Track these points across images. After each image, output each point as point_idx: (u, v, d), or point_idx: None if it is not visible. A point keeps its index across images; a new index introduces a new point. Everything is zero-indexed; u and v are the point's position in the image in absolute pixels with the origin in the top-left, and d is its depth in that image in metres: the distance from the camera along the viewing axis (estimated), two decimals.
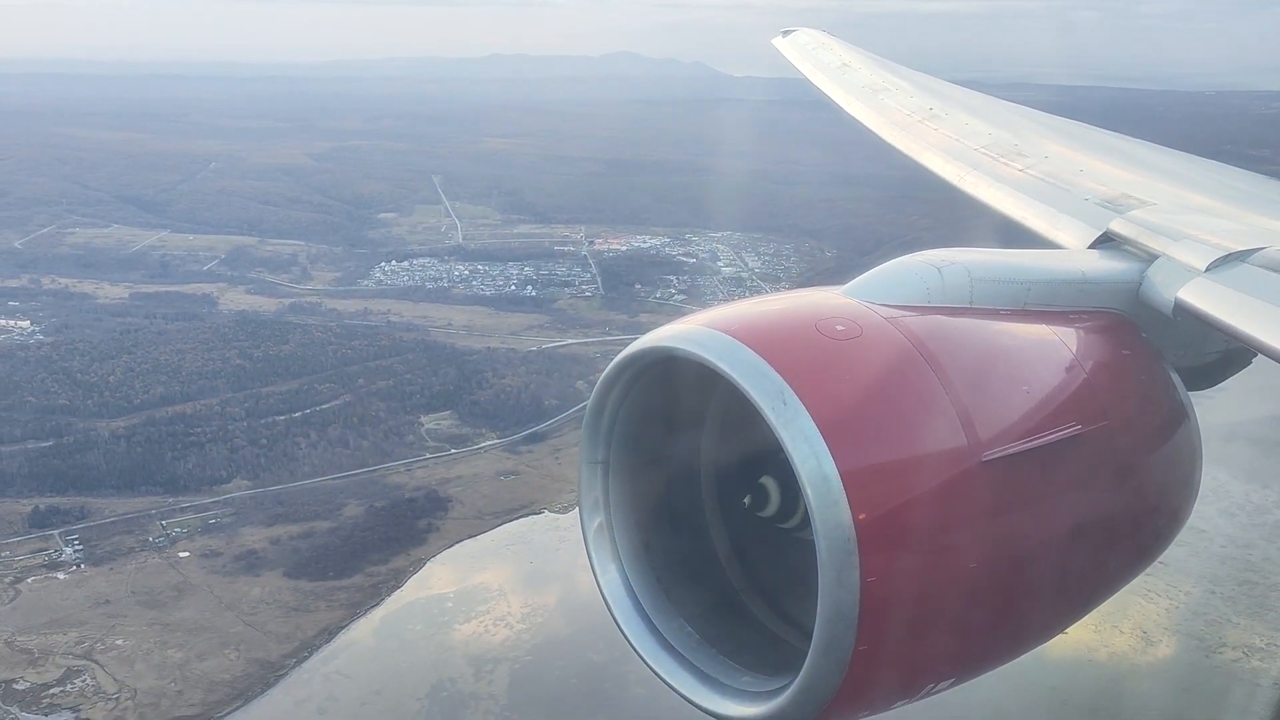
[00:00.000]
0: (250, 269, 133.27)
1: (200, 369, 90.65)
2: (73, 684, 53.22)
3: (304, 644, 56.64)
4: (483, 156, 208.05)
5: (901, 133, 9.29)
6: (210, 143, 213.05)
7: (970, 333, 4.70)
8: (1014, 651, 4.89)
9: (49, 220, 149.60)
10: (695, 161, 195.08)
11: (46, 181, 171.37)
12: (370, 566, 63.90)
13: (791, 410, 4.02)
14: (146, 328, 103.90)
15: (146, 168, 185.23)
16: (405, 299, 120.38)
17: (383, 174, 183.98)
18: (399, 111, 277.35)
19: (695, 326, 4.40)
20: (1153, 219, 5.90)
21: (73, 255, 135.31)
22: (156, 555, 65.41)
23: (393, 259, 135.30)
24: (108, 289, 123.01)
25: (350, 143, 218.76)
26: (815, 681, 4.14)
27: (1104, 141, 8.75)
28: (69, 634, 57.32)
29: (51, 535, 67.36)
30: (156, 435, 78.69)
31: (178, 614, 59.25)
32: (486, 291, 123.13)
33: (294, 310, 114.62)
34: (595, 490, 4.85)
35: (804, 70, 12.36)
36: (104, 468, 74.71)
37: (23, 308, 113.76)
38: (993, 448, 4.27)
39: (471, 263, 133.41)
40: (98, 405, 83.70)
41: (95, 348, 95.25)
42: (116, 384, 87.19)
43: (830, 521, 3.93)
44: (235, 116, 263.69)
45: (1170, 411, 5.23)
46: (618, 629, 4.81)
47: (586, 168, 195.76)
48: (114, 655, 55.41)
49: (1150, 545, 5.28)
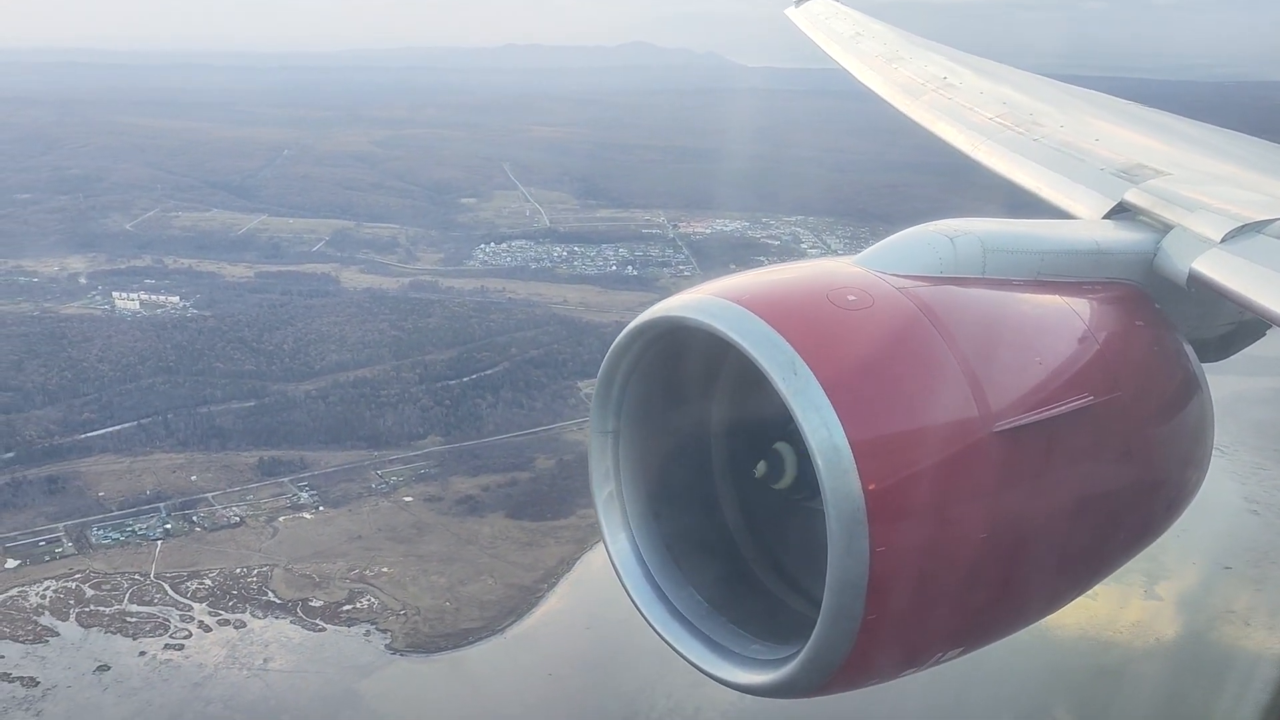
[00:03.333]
0: (356, 250, 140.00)
1: (361, 339, 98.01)
2: (359, 603, 60.70)
3: (549, 572, 64.17)
4: (538, 144, 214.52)
5: (914, 101, 9.20)
6: (272, 130, 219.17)
7: (982, 303, 4.68)
8: (1022, 622, 4.89)
9: (150, 204, 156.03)
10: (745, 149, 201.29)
11: (132, 168, 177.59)
12: (581, 509, 71.20)
13: (802, 380, 4.03)
14: (292, 303, 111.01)
15: (223, 154, 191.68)
16: (513, 278, 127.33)
17: (452, 161, 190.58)
18: (439, 101, 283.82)
19: (706, 296, 4.41)
20: (1169, 189, 5.85)
21: (184, 237, 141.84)
22: (384, 499, 72.84)
23: (490, 241, 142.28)
24: (229, 268, 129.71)
25: (405, 131, 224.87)
26: (823, 650, 4.17)
27: (1122, 110, 8.60)
28: (337, 563, 64.76)
29: (283, 482, 74.72)
30: (348, 396, 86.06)
31: (425, 548, 66.71)
32: (589, 271, 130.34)
33: (415, 288, 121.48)
34: (605, 459, 4.87)
35: (817, 40, 12.23)
36: (310, 425, 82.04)
37: (158, 285, 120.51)
38: (1004, 419, 4.27)
39: (566, 245, 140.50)
40: (282, 370, 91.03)
41: (256, 320, 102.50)
42: (292, 351, 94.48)
43: (840, 491, 3.95)
44: (280, 105, 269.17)
45: (1182, 383, 5.19)
46: (627, 597, 4.85)
47: (643, 155, 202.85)
48: (385, 580, 62.89)
49: (1161, 517, 5.27)
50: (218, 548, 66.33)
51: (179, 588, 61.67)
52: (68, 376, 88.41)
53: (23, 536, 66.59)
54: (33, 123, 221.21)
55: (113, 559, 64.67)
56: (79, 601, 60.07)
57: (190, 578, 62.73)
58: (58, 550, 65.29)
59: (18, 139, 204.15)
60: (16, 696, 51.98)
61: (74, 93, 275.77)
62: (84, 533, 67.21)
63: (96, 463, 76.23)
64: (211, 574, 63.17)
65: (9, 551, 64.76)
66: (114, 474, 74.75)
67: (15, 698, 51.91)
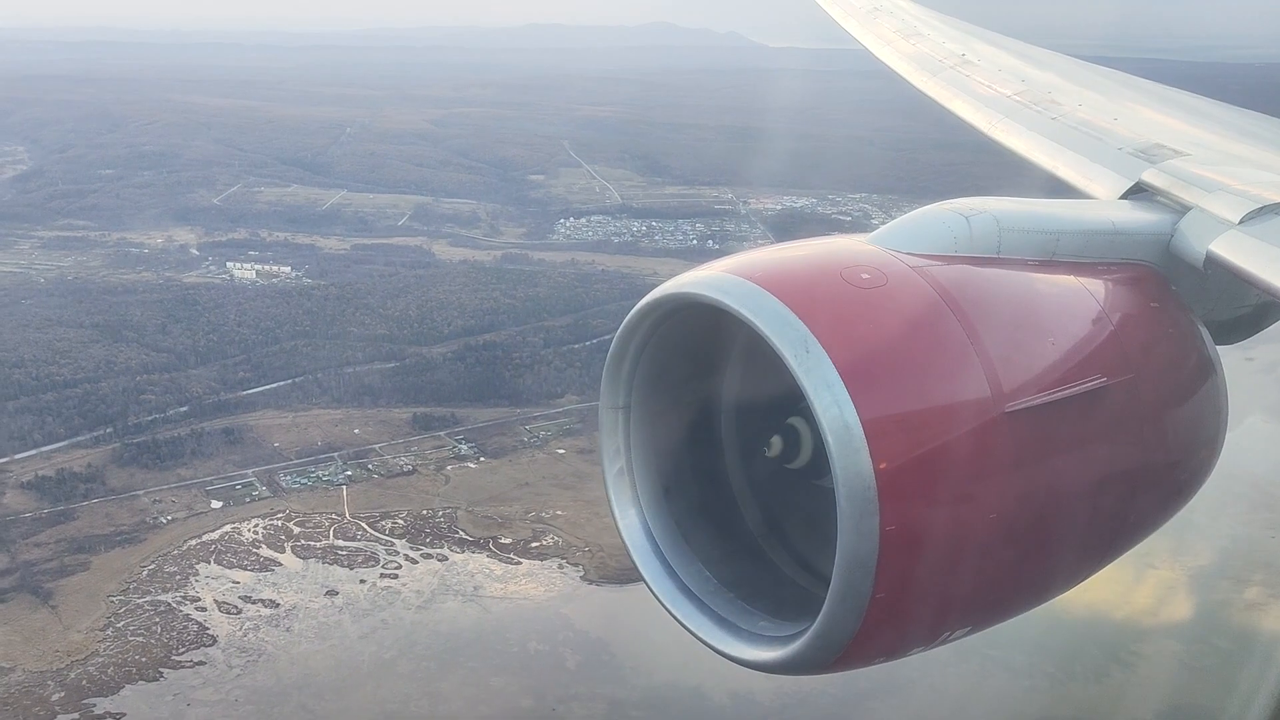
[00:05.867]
0: (440, 224, 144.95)
1: (479, 306, 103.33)
2: (544, 540, 66.09)
3: None
4: (590, 123, 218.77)
5: (932, 78, 9.15)
6: (327, 109, 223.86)
7: (997, 283, 4.67)
8: (1031, 602, 4.91)
9: (231, 180, 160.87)
10: (794, 128, 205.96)
11: (203, 145, 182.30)
12: None
13: (814, 358, 4.03)
14: (400, 273, 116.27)
15: (287, 132, 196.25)
16: (599, 251, 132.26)
17: (512, 139, 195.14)
18: (481, 80, 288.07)
19: (719, 273, 4.40)
20: (1187, 169, 5.80)
21: (272, 212, 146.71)
22: (538, 451, 78.19)
23: (568, 216, 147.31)
24: (322, 241, 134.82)
25: (456, 110, 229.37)
26: (832, 627, 4.19)
27: (1141, 88, 8.56)
28: (513, 506, 70.18)
29: (439, 435, 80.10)
30: (483, 358, 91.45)
31: (591, 494, 71.88)
32: (671, 245, 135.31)
33: (509, 260, 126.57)
34: (616, 435, 4.92)
35: (833, 14, 12.09)
36: (453, 383, 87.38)
37: (262, 256, 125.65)
38: (1016, 399, 4.27)
39: (644, 220, 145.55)
40: (413, 334, 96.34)
41: (375, 288, 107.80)
42: (418, 318, 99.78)
43: (851, 469, 3.96)
44: (325, 84, 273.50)
45: (1197, 366, 5.18)
46: (637, 572, 4.92)
47: (696, 134, 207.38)
48: (561, 521, 68.26)
49: (1172, 499, 5.25)
50: (398, 492, 71.78)
51: (375, 526, 67.14)
52: (213, 339, 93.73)
53: (218, 481, 72.03)
54: (92, 101, 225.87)
55: (306, 501, 70.13)
56: (289, 537, 65.56)
57: (382, 518, 68.18)
58: (254, 493, 70.72)
59: (83, 117, 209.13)
60: (264, 615, 57.55)
61: (124, 71, 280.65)
62: (273, 478, 72.66)
63: (262, 417, 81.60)
64: (401, 515, 68.63)
65: (211, 494, 70.21)
66: (281, 427, 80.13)
67: (263, 616, 57.48)
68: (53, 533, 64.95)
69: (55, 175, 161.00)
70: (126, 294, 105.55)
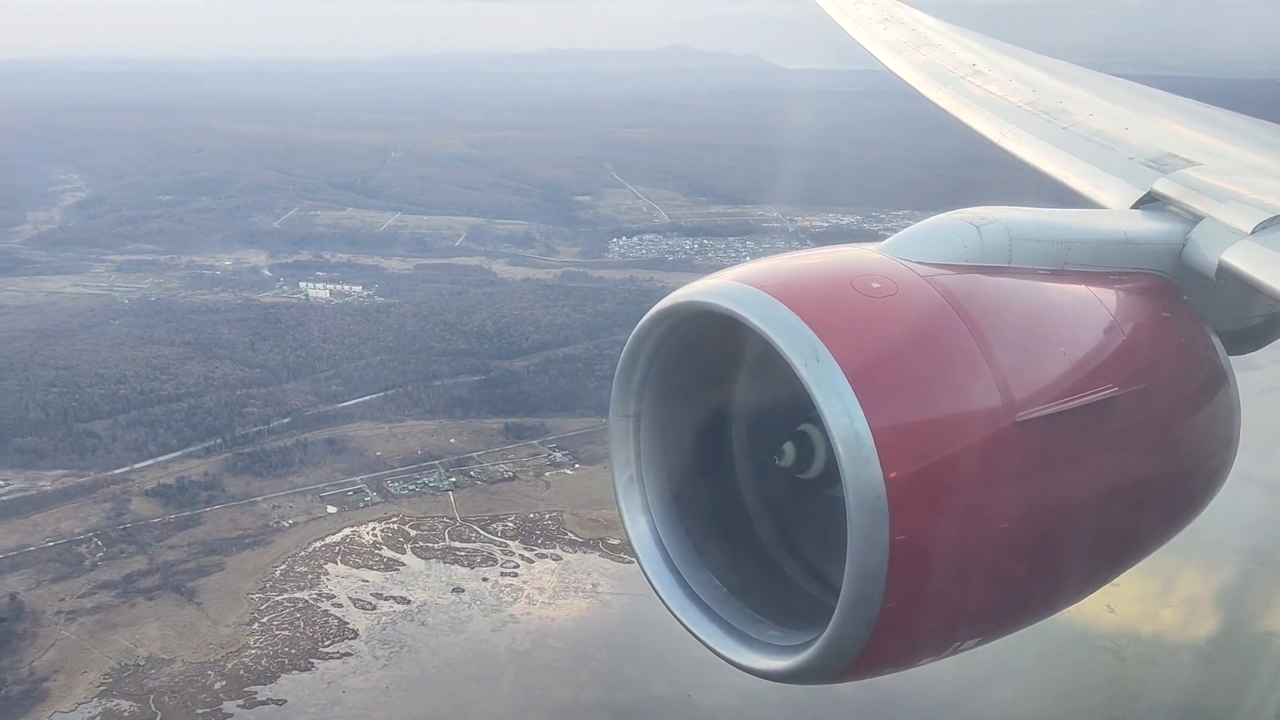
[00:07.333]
0: (496, 245, 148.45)
1: (552, 321, 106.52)
2: None
3: None
4: (628, 145, 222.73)
5: (942, 88, 9.15)
6: (368, 135, 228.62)
7: (1008, 292, 4.65)
8: (1042, 612, 4.89)
9: (288, 204, 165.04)
10: (827, 147, 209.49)
11: (255, 170, 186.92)
12: None
13: (824, 367, 4.03)
14: (468, 291, 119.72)
15: (335, 157, 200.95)
16: (655, 269, 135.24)
17: (555, 161, 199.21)
18: (510, 105, 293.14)
19: (729, 281, 4.39)
20: (1200, 179, 5.76)
21: (331, 234, 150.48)
22: None
23: (620, 235, 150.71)
24: (384, 261, 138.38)
25: (494, 134, 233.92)
26: (842, 637, 4.18)
27: (1154, 97, 8.46)
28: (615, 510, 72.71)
29: (533, 444, 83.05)
30: (565, 370, 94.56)
31: None
32: (725, 262, 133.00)
33: (569, 278, 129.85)
34: (627, 444, 4.96)
35: (844, 25, 12.14)
36: (540, 395, 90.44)
37: (329, 277, 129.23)
38: (1027, 409, 4.26)
39: (694, 238, 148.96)
40: (494, 349, 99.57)
41: (448, 305, 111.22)
42: (495, 332, 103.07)
43: (861, 479, 3.95)
44: (361, 110, 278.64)
45: (1209, 375, 5.16)
46: (646, 581, 4.93)
47: (732, 154, 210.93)
48: None
49: (1184, 510, 5.22)
50: (503, 497, 74.71)
51: (487, 528, 70.03)
52: (301, 355, 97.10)
53: (329, 488, 75.07)
54: (138, 130, 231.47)
55: (417, 506, 73.08)
56: (406, 539, 68.48)
57: (492, 521, 71.07)
58: (366, 499, 73.71)
59: (131, 145, 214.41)
60: (398, 610, 60.40)
61: (162, 100, 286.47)
62: (382, 484, 75.67)
63: (360, 428, 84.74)
64: (509, 518, 71.51)
65: (325, 499, 73.24)
66: (380, 437, 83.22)
67: (398, 611, 60.33)
68: (183, 536, 68.07)
69: (117, 201, 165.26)
70: (210, 313, 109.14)
